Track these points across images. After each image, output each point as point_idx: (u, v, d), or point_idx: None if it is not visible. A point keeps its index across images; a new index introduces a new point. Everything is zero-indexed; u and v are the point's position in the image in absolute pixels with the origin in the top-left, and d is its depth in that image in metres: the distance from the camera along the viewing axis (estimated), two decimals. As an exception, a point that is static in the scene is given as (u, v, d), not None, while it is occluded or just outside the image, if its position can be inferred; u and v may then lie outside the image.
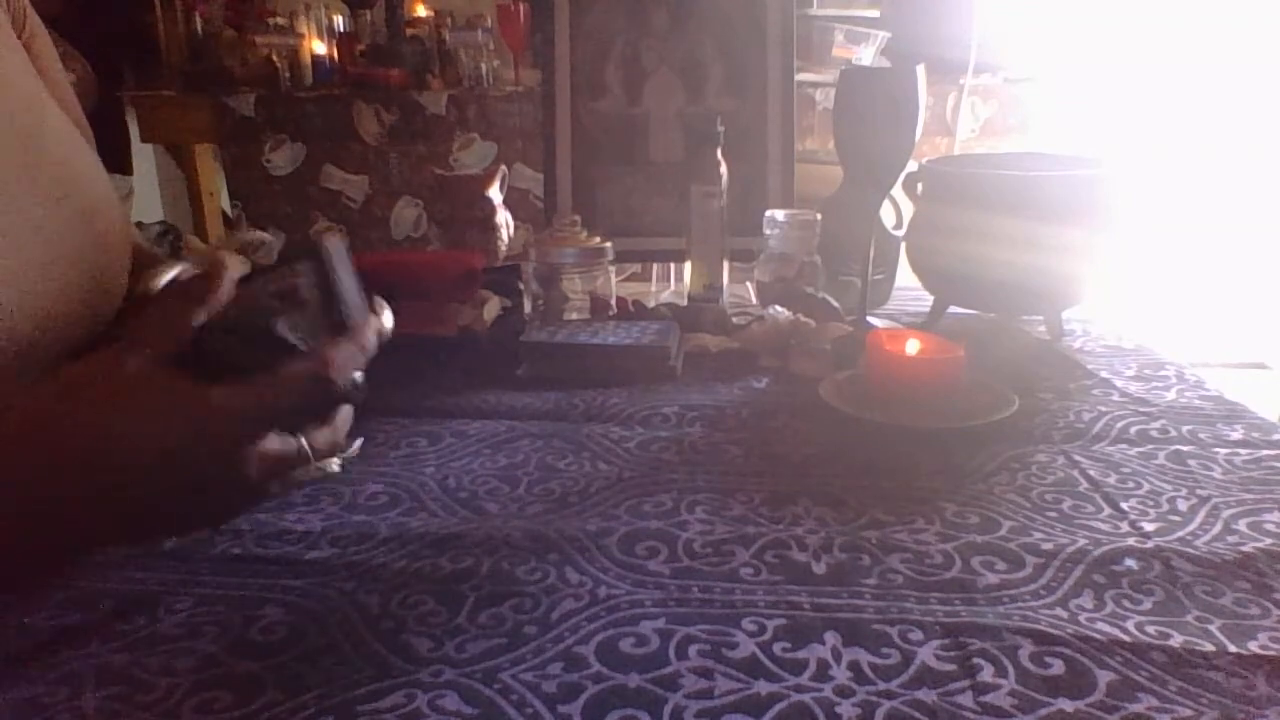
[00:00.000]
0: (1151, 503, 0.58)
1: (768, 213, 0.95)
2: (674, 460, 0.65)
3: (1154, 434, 0.68)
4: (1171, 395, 0.76)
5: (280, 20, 2.44)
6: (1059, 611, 0.46)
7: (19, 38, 0.68)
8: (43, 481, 0.39)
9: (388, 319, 0.48)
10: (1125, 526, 0.55)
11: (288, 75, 2.31)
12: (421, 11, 2.60)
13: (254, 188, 2.30)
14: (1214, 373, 0.82)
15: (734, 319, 0.93)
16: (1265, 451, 0.65)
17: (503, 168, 1.17)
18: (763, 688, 0.41)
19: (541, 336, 0.83)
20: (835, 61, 2.24)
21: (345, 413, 0.47)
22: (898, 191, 0.95)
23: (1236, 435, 0.68)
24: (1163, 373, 0.81)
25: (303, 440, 0.43)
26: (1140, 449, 0.66)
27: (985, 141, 2.29)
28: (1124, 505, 0.57)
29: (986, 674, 0.42)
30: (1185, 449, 0.66)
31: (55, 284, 0.59)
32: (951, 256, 0.91)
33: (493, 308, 0.94)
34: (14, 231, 0.57)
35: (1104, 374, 0.81)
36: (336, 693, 0.40)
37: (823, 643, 0.44)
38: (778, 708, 0.39)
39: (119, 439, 0.39)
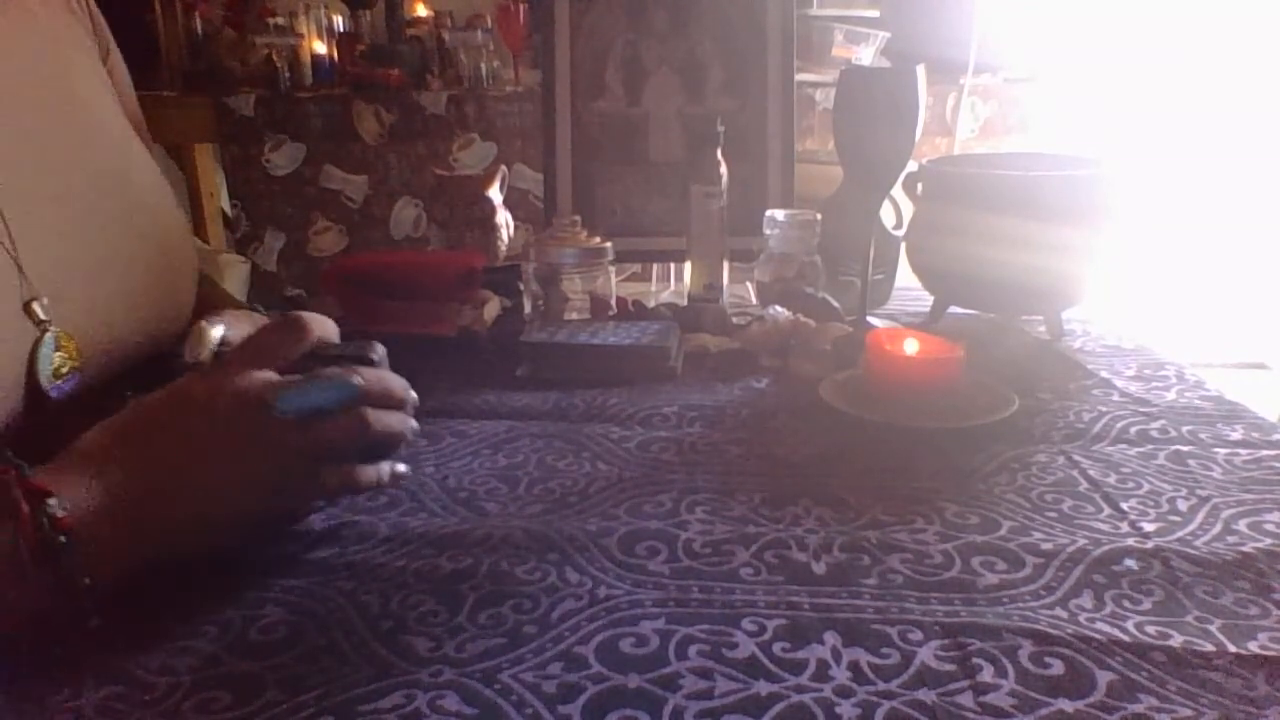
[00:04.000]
0: (1151, 503, 0.58)
1: (768, 213, 0.95)
2: (674, 460, 0.65)
3: (1154, 434, 0.68)
4: (1171, 395, 0.76)
5: (280, 20, 2.44)
6: (1059, 611, 0.46)
7: (105, 64, 0.69)
8: (139, 507, 0.44)
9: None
10: (1125, 526, 0.55)
11: (288, 75, 2.31)
12: (421, 11, 2.60)
13: (254, 188, 2.29)
14: (1214, 373, 0.82)
15: (734, 319, 0.93)
16: (1265, 451, 0.65)
17: (503, 168, 1.17)
18: (763, 688, 0.41)
19: (541, 336, 0.83)
20: (835, 61, 2.24)
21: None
22: (898, 191, 0.95)
23: (1236, 435, 0.68)
24: (1163, 373, 0.81)
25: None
26: (1140, 449, 0.66)
27: (985, 141, 2.29)
28: (1124, 505, 0.57)
29: (986, 674, 0.42)
30: (1185, 449, 0.66)
31: (131, 312, 0.62)
32: (951, 256, 0.91)
33: (493, 308, 0.94)
34: (99, 265, 0.59)
35: (1104, 374, 0.81)
36: (336, 693, 0.40)
37: (823, 643, 0.44)
38: (778, 708, 0.39)
39: (215, 473, 0.47)
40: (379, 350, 0.54)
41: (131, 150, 0.68)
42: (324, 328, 0.52)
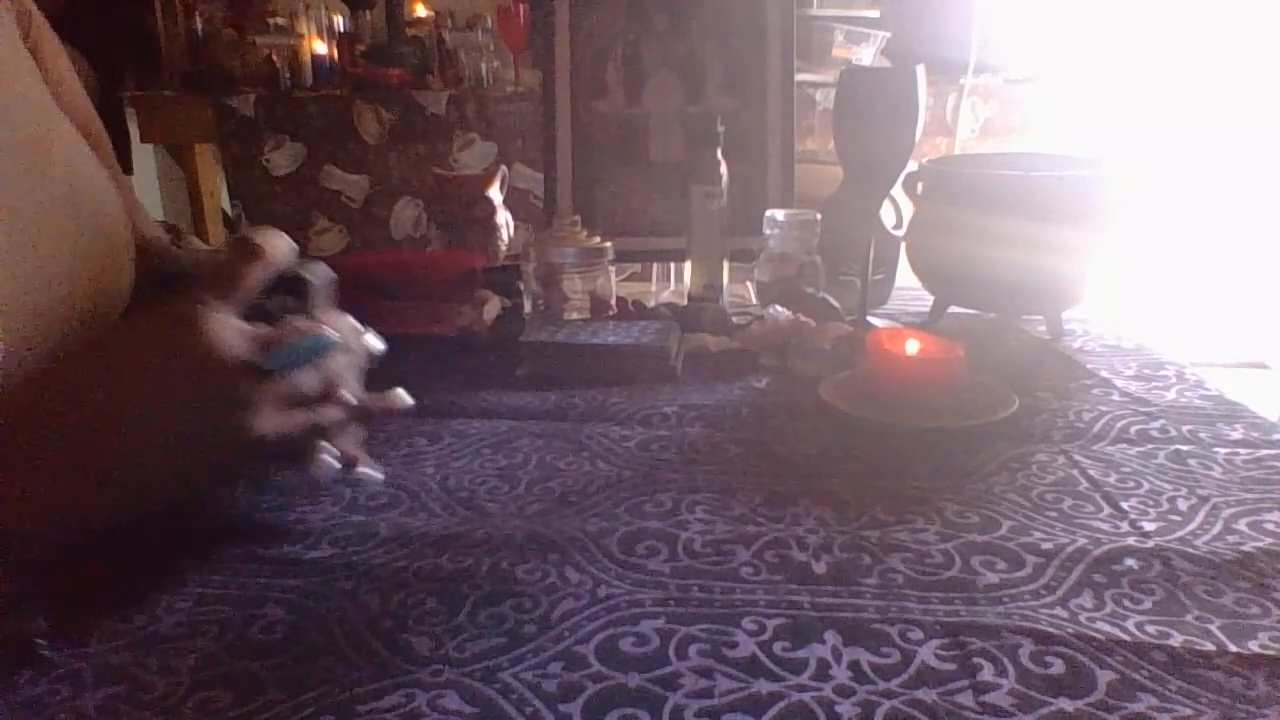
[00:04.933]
0: (1151, 502, 0.58)
1: (768, 213, 0.95)
2: (674, 460, 0.65)
3: (1154, 434, 0.68)
4: (1171, 395, 0.76)
5: (280, 20, 2.44)
6: (1059, 611, 0.46)
7: (25, 42, 0.69)
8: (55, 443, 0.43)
9: (372, 340, 0.56)
10: (1125, 526, 0.55)
11: (288, 75, 2.31)
12: (421, 11, 2.60)
13: (254, 188, 2.30)
14: (1214, 373, 0.82)
15: (734, 319, 0.93)
16: (1265, 451, 0.65)
17: (503, 168, 1.17)
18: (763, 687, 0.41)
19: (541, 336, 0.83)
20: (835, 61, 2.25)
21: (351, 387, 0.53)
22: (898, 191, 0.95)
23: (1236, 435, 0.68)
24: (1163, 373, 0.81)
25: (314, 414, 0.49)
26: (1140, 449, 0.66)
27: (985, 141, 2.29)
28: (1124, 505, 0.57)
29: (986, 673, 0.42)
30: (1185, 449, 0.66)
31: (58, 289, 0.60)
32: (951, 256, 0.91)
33: (493, 308, 0.94)
34: (18, 239, 0.58)
35: (1104, 374, 0.81)
36: (336, 693, 0.40)
37: (823, 642, 0.44)
38: (778, 707, 0.39)
39: (127, 388, 0.44)
40: (318, 273, 0.54)
41: (52, 125, 0.66)
42: (278, 250, 0.52)
